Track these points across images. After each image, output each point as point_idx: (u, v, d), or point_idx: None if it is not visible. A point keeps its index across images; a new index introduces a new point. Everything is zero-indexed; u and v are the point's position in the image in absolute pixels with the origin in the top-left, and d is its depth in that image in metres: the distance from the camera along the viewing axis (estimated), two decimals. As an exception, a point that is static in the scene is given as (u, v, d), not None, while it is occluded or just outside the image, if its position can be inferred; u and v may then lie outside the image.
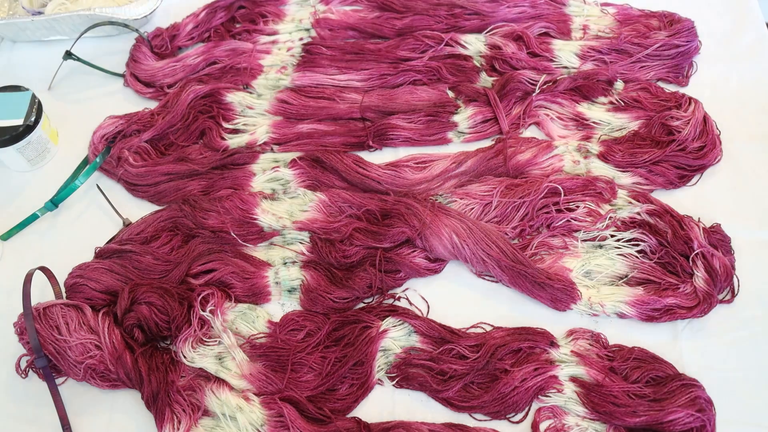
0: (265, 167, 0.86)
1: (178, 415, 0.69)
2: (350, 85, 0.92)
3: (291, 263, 0.79)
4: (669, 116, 0.85)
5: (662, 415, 0.66)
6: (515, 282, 0.75)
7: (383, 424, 0.69)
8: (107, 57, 1.00)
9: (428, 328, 0.74)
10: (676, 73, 0.92)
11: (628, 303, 0.73)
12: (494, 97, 0.88)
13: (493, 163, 0.84)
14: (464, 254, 0.76)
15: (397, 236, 0.77)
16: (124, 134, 0.89)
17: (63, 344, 0.71)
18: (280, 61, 0.96)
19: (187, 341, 0.73)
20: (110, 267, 0.78)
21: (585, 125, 0.88)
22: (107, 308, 0.75)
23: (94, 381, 0.72)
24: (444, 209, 0.78)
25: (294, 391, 0.71)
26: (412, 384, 0.72)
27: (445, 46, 0.94)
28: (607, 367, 0.70)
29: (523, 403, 0.69)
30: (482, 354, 0.71)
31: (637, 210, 0.79)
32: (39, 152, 0.89)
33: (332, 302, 0.76)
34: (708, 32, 0.94)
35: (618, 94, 0.89)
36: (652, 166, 0.82)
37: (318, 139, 0.88)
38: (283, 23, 1.00)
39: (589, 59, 0.92)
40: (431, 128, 0.88)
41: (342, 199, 0.81)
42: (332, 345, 0.74)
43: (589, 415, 0.69)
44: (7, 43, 1.04)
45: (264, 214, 0.80)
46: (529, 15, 0.97)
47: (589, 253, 0.77)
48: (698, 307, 0.72)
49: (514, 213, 0.80)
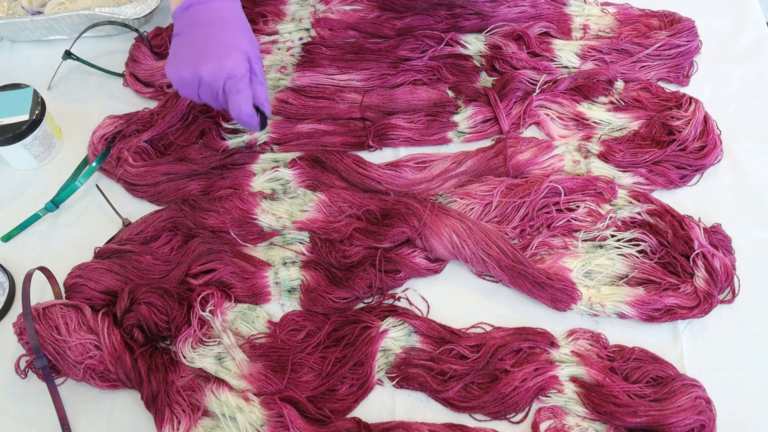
0: (265, 167, 0.86)
1: (178, 416, 0.69)
2: (350, 85, 0.92)
3: (291, 263, 0.79)
4: (669, 116, 0.85)
5: (663, 416, 0.66)
6: (515, 282, 0.75)
7: (383, 424, 0.69)
8: (107, 57, 1.00)
9: (428, 328, 0.74)
10: (677, 73, 0.92)
11: (629, 303, 0.73)
12: (494, 97, 0.88)
13: (494, 163, 0.84)
14: (464, 254, 0.76)
15: (397, 236, 0.77)
16: (124, 134, 0.89)
17: (62, 344, 0.71)
18: (280, 60, 0.96)
19: (187, 341, 0.72)
20: (110, 267, 0.78)
21: (585, 125, 0.88)
22: (107, 308, 0.75)
23: (94, 381, 0.72)
24: (444, 209, 0.78)
25: (294, 391, 0.70)
26: (412, 384, 0.72)
27: (445, 46, 0.94)
28: (607, 367, 0.70)
29: (523, 404, 0.69)
30: (482, 354, 0.71)
31: (638, 210, 0.79)
32: (45, 147, 0.89)
33: (332, 302, 0.76)
34: (708, 32, 0.94)
35: (618, 93, 0.89)
36: (653, 166, 0.82)
37: (318, 139, 0.88)
38: (283, 23, 1.00)
39: (589, 59, 0.92)
40: (431, 128, 0.88)
41: (342, 199, 0.80)
42: (332, 345, 0.74)
43: (590, 416, 0.68)
44: (6, 43, 1.04)
45: (264, 214, 0.80)
46: (530, 15, 0.97)
47: (589, 253, 0.77)
48: (699, 307, 0.72)
49: (515, 213, 0.80)
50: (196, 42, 0.76)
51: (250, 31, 0.80)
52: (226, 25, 0.77)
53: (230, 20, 0.78)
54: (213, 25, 0.77)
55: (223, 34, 0.76)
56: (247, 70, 0.76)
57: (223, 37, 0.76)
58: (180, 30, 0.78)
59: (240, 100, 0.75)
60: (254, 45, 0.79)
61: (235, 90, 0.74)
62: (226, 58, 0.74)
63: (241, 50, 0.75)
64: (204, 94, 0.76)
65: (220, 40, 0.76)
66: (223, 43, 0.75)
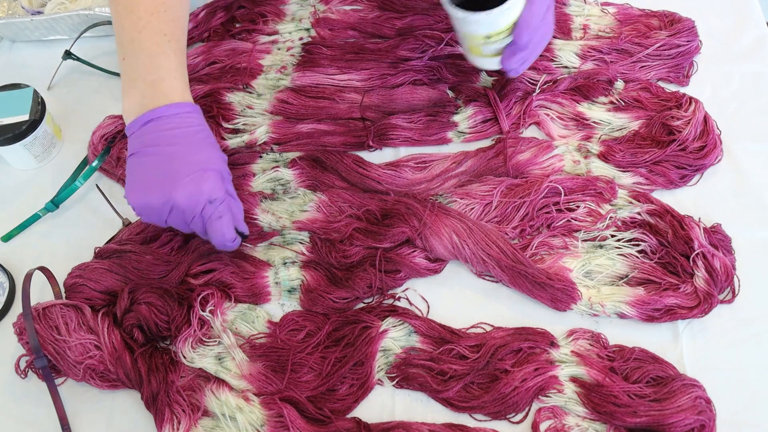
0: (265, 167, 0.86)
1: (178, 416, 0.69)
2: (350, 85, 0.92)
3: (291, 263, 0.79)
4: (669, 116, 0.85)
5: (663, 416, 0.66)
6: (515, 282, 0.75)
7: (383, 424, 0.69)
8: (107, 57, 1.00)
9: (428, 328, 0.74)
10: (677, 73, 0.92)
11: (629, 303, 0.73)
12: (494, 97, 0.88)
13: (494, 163, 0.84)
14: (464, 254, 0.76)
15: (397, 236, 0.77)
16: (124, 134, 0.89)
17: (62, 344, 0.71)
18: (280, 60, 0.96)
19: (187, 341, 0.72)
20: (110, 267, 0.78)
21: (585, 125, 0.88)
22: (107, 308, 0.75)
23: (94, 381, 0.72)
24: (444, 209, 0.78)
25: (294, 391, 0.70)
26: (412, 384, 0.72)
27: (445, 46, 0.94)
28: (607, 367, 0.70)
29: (523, 404, 0.69)
30: (482, 354, 0.71)
31: (638, 210, 0.79)
32: (45, 147, 0.89)
33: (332, 302, 0.76)
34: (708, 32, 0.94)
35: (618, 93, 0.89)
36: (653, 166, 0.82)
37: (318, 139, 0.88)
38: (283, 23, 1.00)
39: (589, 59, 0.92)
40: (431, 128, 0.88)
41: (342, 199, 0.80)
42: (332, 345, 0.74)
43: (590, 416, 0.69)
44: (6, 43, 1.04)
45: (264, 214, 0.80)
46: (530, 15, 0.97)
47: (589, 253, 0.77)
48: (699, 307, 0.72)
49: (515, 213, 0.80)
50: (161, 163, 0.67)
51: (216, 143, 0.73)
52: (194, 141, 0.69)
53: (197, 134, 0.70)
54: (178, 142, 0.68)
55: (193, 152, 0.68)
56: (225, 190, 0.69)
57: (193, 156, 0.68)
58: (137, 149, 0.69)
59: (222, 225, 0.68)
60: (224, 159, 0.72)
61: (216, 215, 0.68)
62: (204, 182, 0.67)
63: (215, 170, 0.68)
64: (174, 220, 0.69)
65: (190, 159, 0.68)
66: (194, 163, 0.67)
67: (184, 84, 0.73)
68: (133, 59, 0.71)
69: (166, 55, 0.71)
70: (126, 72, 0.72)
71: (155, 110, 0.69)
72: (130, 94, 0.71)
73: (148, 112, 0.69)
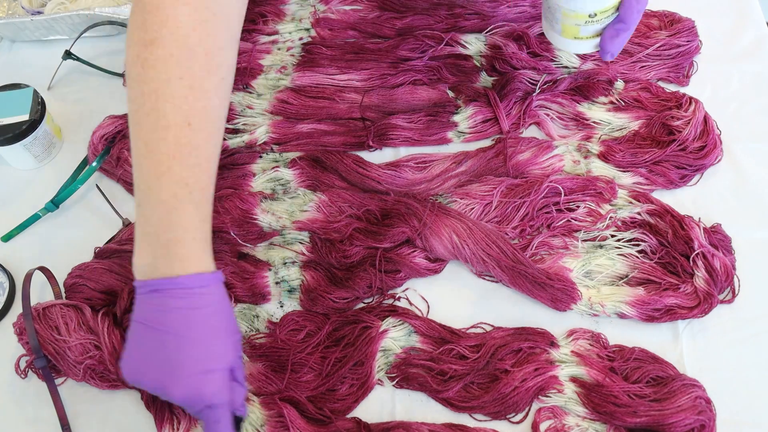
0: (265, 167, 0.86)
1: (178, 416, 0.69)
2: (350, 85, 0.92)
3: (291, 263, 0.79)
4: (669, 116, 0.85)
5: (663, 416, 0.66)
6: (515, 282, 0.75)
7: (383, 424, 0.69)
8: (107, 57, 1.00)
9: (428, 328, 0.74)
10: (677, 73, 0.92)
11: (629, 303, 0.73)
12: (494, 97, 0.88)
13: (494, 163, 0.84)
14: (464, 254, 0.76)
15: (397, 236, 0.77)
16: (124, 134, 0.89)
17: (62, 344, 0.71)
18: (280, 60, 0.96)
19: (187, 341, 0.72)
20: (110, 267, 0.77)
21: (585, 125, 0.88)
22: (107, 308, 0.75)
23: (94, 381, 0.72)
24: (444, 209, 0.78)
25: (294, 391, 0.70)
26: (412, 384, 0.72)
27: (445, 46, 0.94)
28: (607, 367, 0.70)
29: (523, 404, 0.69)
30: (482, 354, 0.71)
31: (638, 210, 0.79)
32: (45, 147, 0.89)
33: (332, 302, 0.76)
34: (708, 32, 0.94)
35: (618, 93, 0.89)
36: (653, 166, 0.82)
37: (318, 139, 0.88)
38: (283, 23, 1.00)
39: (589, 59, 0.92)
40: (431, 128, 0.88)
41: (342, 199, 0.80)
42: (332, 345, 0.74)
43: (590, 416, 0.69)
44: (6, 43, 1.04)
45: (264, 214, 0.80)
46: (530, 15, 0.97)
47: (589, 253, 0.77)
48: (699, 307, 0.72)
49: (515, 213, 0.80)
50: (164, 346, 0.58)
51: (236, 328, 0.63)
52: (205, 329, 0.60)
53: (210, 319, 0.60)
54: (190, 326, 0.59)
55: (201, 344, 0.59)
56: (229, 389, 0.60)
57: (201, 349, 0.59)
58: (143, 317, 0.60)
59: (219, 429, 0.59)
60: (238, 346, 0.63)
61: (214, 419, 0.59)
62: (206, 386, 0.58)
63: (224, 369, 0.60)
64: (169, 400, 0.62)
65: (197, 353, 0.59)
66: (200, 360, 0.59)
67: (205, 245, 0.63)
68: (148, 210, 0.61)
69: (186, 210, 0.61)
70: (140, 223, 0.62)
71: (165, 280, 0.59)
72: (142, 247, 0.62)
73: (158, 281, 0.60)
